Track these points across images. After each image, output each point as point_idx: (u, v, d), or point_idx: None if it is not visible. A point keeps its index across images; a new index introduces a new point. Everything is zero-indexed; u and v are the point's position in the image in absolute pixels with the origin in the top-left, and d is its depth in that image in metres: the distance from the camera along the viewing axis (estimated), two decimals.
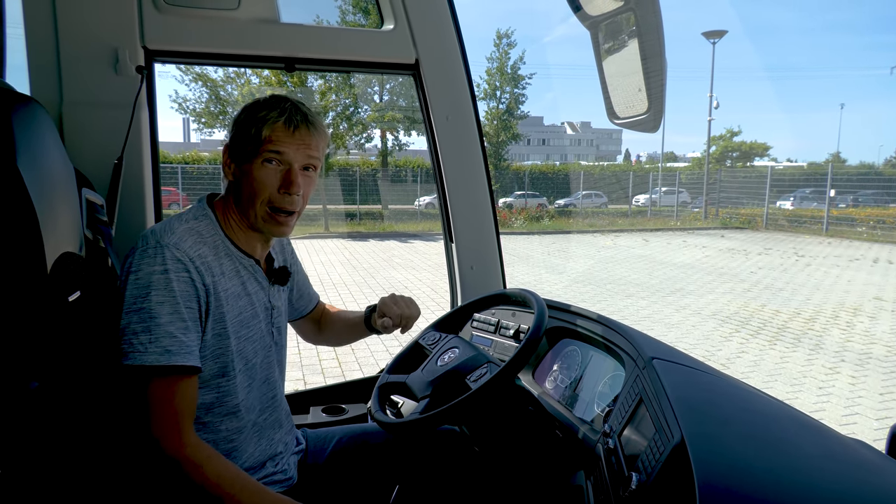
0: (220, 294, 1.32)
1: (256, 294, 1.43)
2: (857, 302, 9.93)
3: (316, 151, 1.38)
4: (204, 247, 1.31)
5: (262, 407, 1.47)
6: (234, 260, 1.38)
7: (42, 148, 1.24)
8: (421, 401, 1.53)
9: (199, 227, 1.34)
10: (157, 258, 1.23)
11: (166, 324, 1.21)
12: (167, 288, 1.22)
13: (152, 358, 1.19)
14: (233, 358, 1.35)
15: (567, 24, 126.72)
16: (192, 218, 1.36)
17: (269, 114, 1.33)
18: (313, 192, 1.45)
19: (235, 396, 1.37)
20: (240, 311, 1.38)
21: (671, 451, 0.99)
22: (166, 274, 1.22)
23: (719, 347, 7.19)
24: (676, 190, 29.78)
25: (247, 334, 1.40)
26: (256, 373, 1.44)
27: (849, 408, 5.31)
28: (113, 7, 1.89)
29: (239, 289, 1.38)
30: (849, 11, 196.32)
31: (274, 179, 1.34)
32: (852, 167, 35.47)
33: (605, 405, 1.47)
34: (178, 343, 1.21)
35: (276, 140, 1.32)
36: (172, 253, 1.24)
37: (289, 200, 1.35)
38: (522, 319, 1.83)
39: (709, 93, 32.42)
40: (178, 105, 21.52)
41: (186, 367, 1.22)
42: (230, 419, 1.38)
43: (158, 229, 1.29)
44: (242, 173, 1.36)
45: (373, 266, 13.21)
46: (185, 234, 1.29)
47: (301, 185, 1.36)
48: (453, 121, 2.24)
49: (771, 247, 17.81)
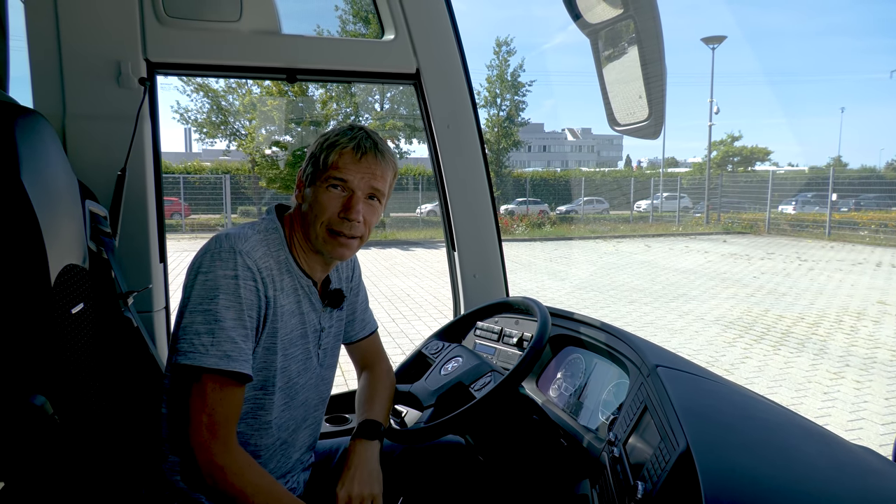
0: (278, 309, 1.33)
1: (308, 315, 1.43)
2: (860, 306, 9.89)
3: (381, 182, 1.38)
4: (272, 260, 1.33)
5: (295, 427, 1.46)
6: (294, 278, 1.39)
7: (45, 160, 1.24)
8: (425, 410, 1.53)
9: (270, 240, 1.36)
10: (229, 263, 1.24)
11: (230, 329, 1.22)
12: (235, 294, 1.23)
13: (212, 361, 1.19)
14: (275, 373, 1.35)
15: (566, 32, 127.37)
16: (264, 230, 1.37)
17: (340, 140, 1.35)
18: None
19: (270, 413, 1.37)
20: (291, 329, 1.38)
21: (677, 459, 0.99)
22: (236, 280, 1.24)
23: (723, 353, 7.16)
24: (678, 195, 29.75)
25: (293, 353, 1.40)
26: (297, 393, 1.43)
27: (854, 413, 5.28)
28: (115, 20, 1.91)
29: (294, 307, 1.39)
30: (848, 14, 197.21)
31: (336, 204, 1.34)
32: (854, 171, 35.51)
33: (610, 413, 1.47)
34: (237, 349, 1.22)
35: (343, 166, 1.33)
36: (244, 260, 1.25)
37: (347, 226, 1.35)
38: (526, 327, 1.83)
39: (709, 98, 32.46)
40: (180, 116, 21.62)
41: (241, 375, 1.22)
42: (260, 434, 1.37)
43: (233, 234, 1.30)
44: (309, 196, 1.37)
45: (375, 274, 13.21)
46: (257, 243, 1.31)
47: (362, 212, 1.35)
48: (454, 129, 2.25)
49: (773, 251, 17.77)
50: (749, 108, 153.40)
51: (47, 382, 1.19)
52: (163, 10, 1.96)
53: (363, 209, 1.36)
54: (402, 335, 7.67)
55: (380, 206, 1.42)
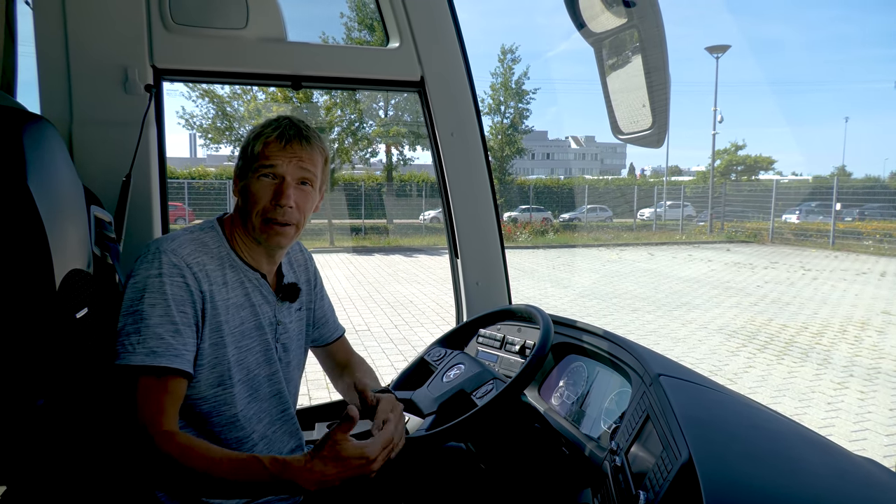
0: (218, 303, 1.36)
1: (261, 307, 1.46)
2: (865, 316, 9.85)
3: (310, 164, 1.41)
4: (205, 256, 1.36)
5: (272, 419, 1.48)
6: (239, 272, 1.43)
7: (52, 166, 1.25)
8: (427, 417, 1.53)
9: (204, 238, 1.40)
10: (154, 262, 1.28)
11: (155, 325, 1.24)
12: (160, 291, 1.26)
13: (139, 358, 1.22)
14: (230, 367, 1.37)
15: (570, 40, 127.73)
16: (198, 230, 1.41)
17: (265, 130, 1.39)
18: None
19: (234, 406, 1.38)
20: (241, 321, 1.41)
21: (679, 469, 0.98)
22: (160, 277, 1.27)
23: (726, 362, 7.14)
24: (681, 204, 29.75)
25: (248, 345, 1.43)
26: (261, 385, 1.46)
27: (858, 424, 5.25)
28: (123, 27, 1.92)
29: (242, 299, 1.42)
30: (853, 24, 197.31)
31: (268, 192, 1.38)
32: (858, 180, 35.41)
33: (612, 422, 1.46)
34: (164, 345, 1.24)
35: (270, 154, 1.37)
36: (169, 258, 1.29)
37: (280, 212, 1.37)
38: (528, 335, 1.83)
39: (713, 107, 32.50)
40: (186, 121, 21.74)
41: (170, 370, 1.24)
42: (231, 429, 1.39)
43: (161, 238, 1.35)
44: (243, 189, 1.41)
45: (378, 280, 13.22)
46: (186, 242, 1.35)
47: (293, 197, 1.38)
48: (458, 137, 2.26)
49: (777, 260, 17.73)
50: (753, 117, 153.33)
51: (51, 386, 1.20)
52: (170, 17, 1.97)
53: (295, 194, 1.39)
54: (405, 342, 7.67)
55: (313, 192, 1.45)
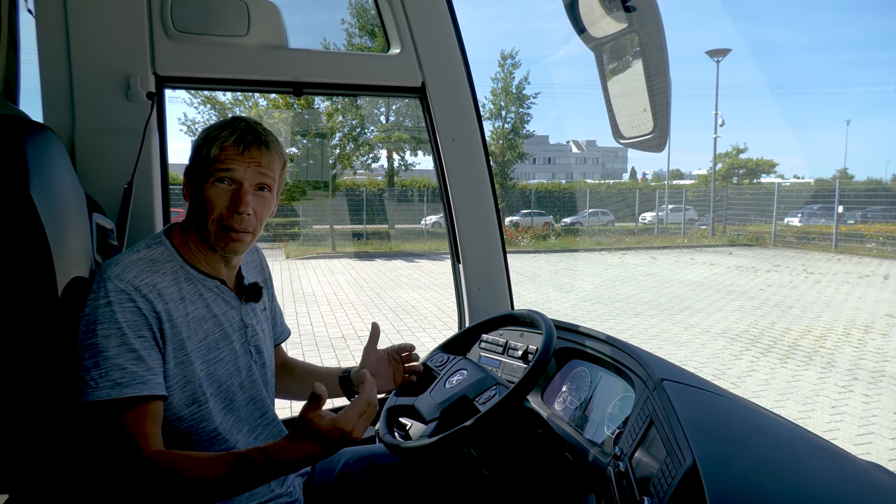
0: (177, 321, 1.29)
1: (226, 315, 1.41)
2: (868, 319, 9.82)
3: (269, 170, 1.35)
4: (155, 274, 1.29)
5: (251, 427, 1.43)
6: (197, 283, 1.36)
7: (54, 175, 1.25)
8: (429, 423, 1.52)
9: (151, 255, 1.32)
10: (100, 292, 1.22)
11: (114, 356, 1.18)
12: (112, 320, 1.20)
13: (104, 393, 1.16)
14: (201, 384, 1.31)
15: (570, 45, 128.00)
16: (144, 247, 1.34)
17: (221, 133, 1.32)
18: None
19: (211, 421, 1.33)
20: (205, 334, 1.35)
21: (683, 474, 0.98)
22: (110, 306, 1.20)
23: (729, 366, 7.12)
24: (683, 207, 29.73)
25: (217, 356, 1.37)
26: (236, 395, 1.40)
27: (863, 427, 5.23)
28: (125, 35, 1.93)
29: (203, 311, 1.36)
30: (853, 27, 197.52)
31: (224, 198, 1.32)
32: (860, 183, 35.38)
33: (616, 427, 1.46)
34: (128, 374, 1.18)
35: (226, 159, 1.31)
36: (115, 284, 1.22)
37: (237, 220, 1.32)
38: (531, 340, 1.82)
39: (714, 111, 32.54)
40: (187, 128, 21.77)
41: (139, 398, 1.18)
42: (214, 443, 1.34)
43: (105, 264, 1.28)
44: (197, 194, 1.35)
45: (380, 286, 13.22)
46: (130, 264, 1.27)
47: (252, 204, 1.33)
48: (460, 142, 2.26)
49: (780, 264, 17.70)
50: (754, 121, 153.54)
51: (53, 393, 1.20)
52: (171, 24, 1.98)
53: (253, 201, 1.33)
54: None
55: (271, 197, 1.39)
